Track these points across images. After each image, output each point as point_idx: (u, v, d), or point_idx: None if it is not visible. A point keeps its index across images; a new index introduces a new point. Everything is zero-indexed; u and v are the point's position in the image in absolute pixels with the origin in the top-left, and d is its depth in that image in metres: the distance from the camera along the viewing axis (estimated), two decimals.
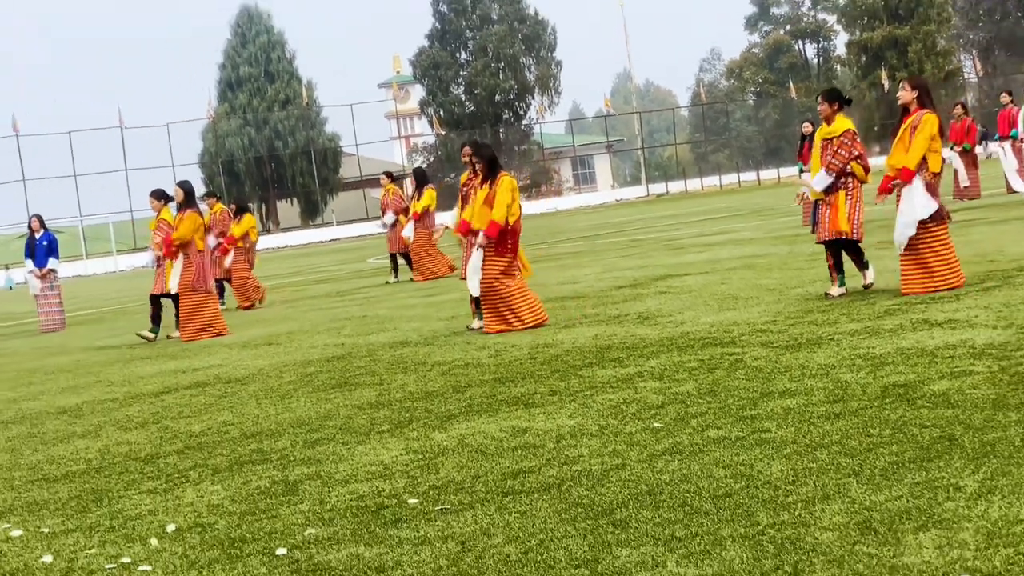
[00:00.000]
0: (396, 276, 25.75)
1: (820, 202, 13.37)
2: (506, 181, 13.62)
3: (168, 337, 18.37)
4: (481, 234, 13.46)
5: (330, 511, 6.54)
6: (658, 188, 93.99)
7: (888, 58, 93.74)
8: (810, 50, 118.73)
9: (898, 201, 12.42)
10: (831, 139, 13.11)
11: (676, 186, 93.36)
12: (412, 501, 6.53)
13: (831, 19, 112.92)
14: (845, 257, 13.27)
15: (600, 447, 7.30)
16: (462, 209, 15.08)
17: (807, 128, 28.10)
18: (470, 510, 6.21)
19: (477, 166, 13.91)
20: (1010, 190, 27.81)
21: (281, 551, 5.86)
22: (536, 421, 8.34)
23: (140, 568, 5.87)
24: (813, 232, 13.56)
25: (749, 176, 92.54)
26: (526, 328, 13.46)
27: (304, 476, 7.49)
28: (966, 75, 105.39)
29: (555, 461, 7.08)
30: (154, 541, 6.34)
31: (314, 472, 7.57)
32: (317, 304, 22.00)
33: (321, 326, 17.22)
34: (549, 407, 8.80)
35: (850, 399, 7.79)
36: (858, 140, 13.11)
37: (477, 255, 13.61)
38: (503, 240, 13.50)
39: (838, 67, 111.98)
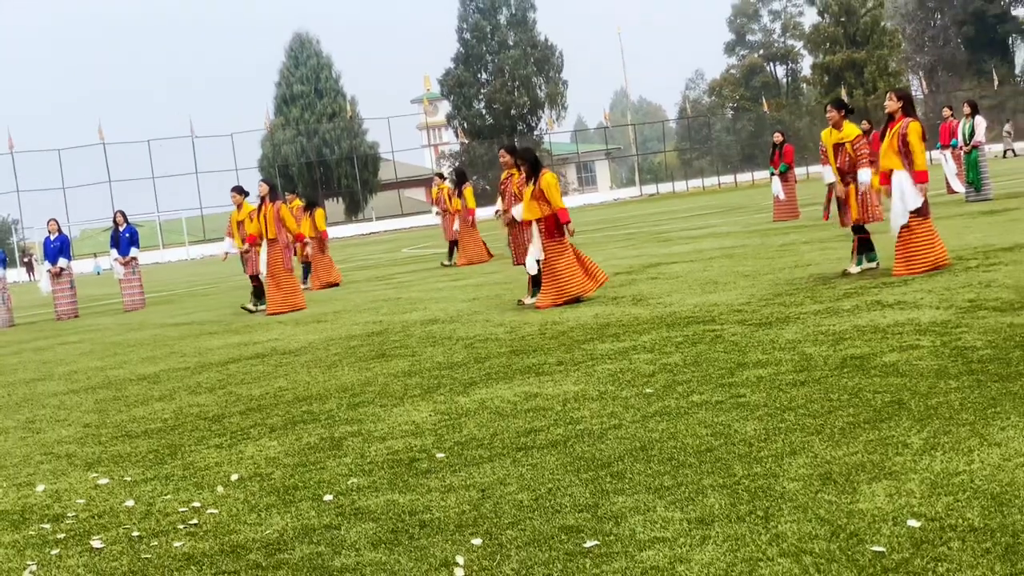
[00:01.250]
0: (451, 259, 25.77)
1: (839, 196, 13.44)
2: (549, 176, 13.60)
3: (243, 308, 18.38)
4: (562, 225, 13.47)
5: (369, 463, 6.54)
6: (650, 189, 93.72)
7: (847, 78, 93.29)
8: (780, 71, 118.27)
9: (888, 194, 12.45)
10: (843, 143, 13.19)
11: (665, 188, 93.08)
12: (440, 455, 6.52)
13: (798, 44, 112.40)
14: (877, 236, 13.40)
15: (600, 409, 7.29)
16: (504, 201, 15.10)
17: (777, 138, 28.01)
18: (488, 463, 6.21)
19: (522, 167, 13.88)
20: (950, 191, 27.71)
21: (328, 497, 5.86)
22: (545, 387, 8.33)
23: (208, 511, 5.88)
24: (843, 223, 13.57)
25: (728, 179, 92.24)
26: (586, 292, 13.64)
27: (347, 434, 7.49)
28: (914, 92, 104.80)
29: (561, 421, 7.07)
30: (220, 488, 6.35)
31: (356, 430, 7.57)
32: (359, 288, 21.99)
33: (362, 306, 17.21)
34: (556, 375, 8.78)
35: (813, 369, 7.76)
36: (867, 142, 13.23)
37: (537, 241, 13.62)
38: (556, 226, 13.50)
39: (804, 86, 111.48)
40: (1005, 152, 67.23)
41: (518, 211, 14.03)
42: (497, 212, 16.99)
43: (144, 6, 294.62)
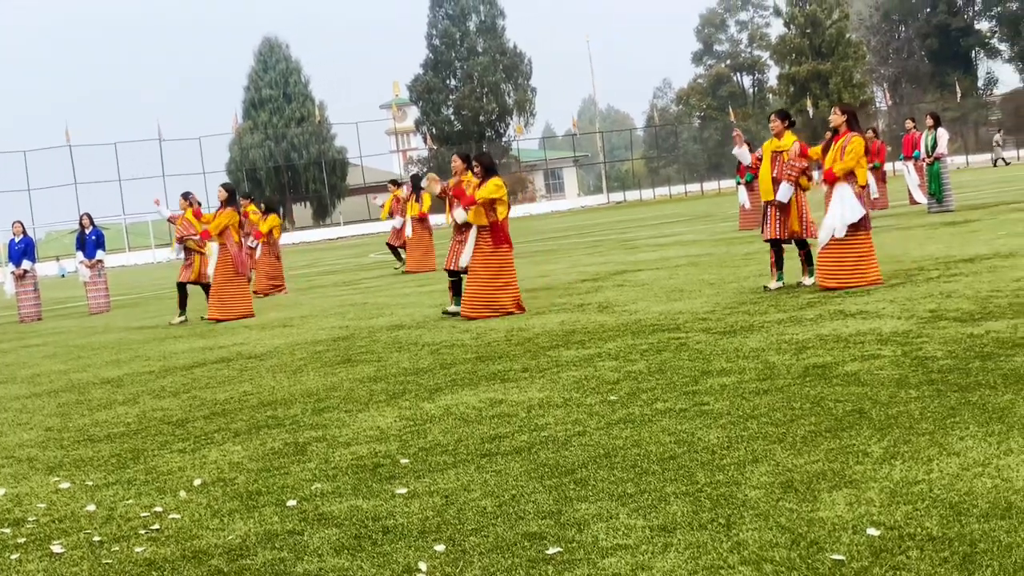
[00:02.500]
0: (401, 262, 25.63)
1: (769, 205, 13.36)
2: (495, 179, 13.54)
3: (201, 319, 18.27)
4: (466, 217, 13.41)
5: (334, 469, 6.52)
6: (617, 197, 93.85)
7: (812, 89, 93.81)
8: (747, 81, 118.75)
9: (826, 205, 12.43)
10: (780, 152, 13.21)
11: (632, 195, 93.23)
12: (404, 461, 6.51)
13: (765, 55, 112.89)
14: (791, 255, 13.37)
15: (564, 416, 7.30)
16: (451, 209, 14.97)
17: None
18: (453, 469, 6.20)
19: (476, 170, 13.79)
20: (913, 202, 27.91)
21: (291, 503, 5.84)
22: (510, 394, 8.32)
23: (170, 516, 5.84)
24: (761, 233, 13.58)
25: (694, 187, 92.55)
26: (502, 315, 13.42)
27: (312, 439, 7.47)
28: (877, 104, 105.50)
29: (526, 428, 7.07)
30: (183, 493, 6.31)
31: (321, 435, 7.54)
32: (325, 292, 21.92)
33: (329, 311, 17.16)
34: (522, 382, 8.78)
35: (776, 377, 7.80)
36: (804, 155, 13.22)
37: (471, 246, 13.54)
38: (497, 234, 13.44)
39: (770, 96, 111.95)
40: (995, 161, 67.74)
41: (460, 214, 13.85)
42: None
43: (112, 9, 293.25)
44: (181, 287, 18.75)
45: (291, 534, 5.30)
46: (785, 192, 13.03)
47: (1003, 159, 67.42)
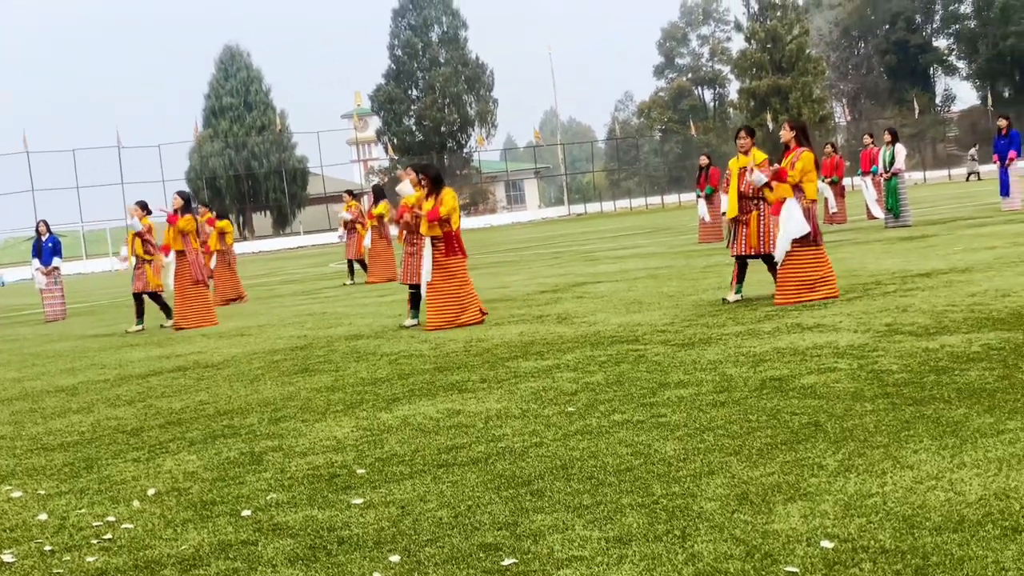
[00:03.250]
0: (352, 279, 25.57)
1: (736, 220, 13.37)
2: (449, 191, 13.56)
3: (161, 326, 18.15)
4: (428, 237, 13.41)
5: (289, 479, 6.48)
6: (578, 209, 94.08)
7: (772, 103, 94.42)
8: (708, 95, 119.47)
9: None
10: (747, 168, 13.23)
11: (593, 207, 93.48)
12: (360, 471, 6.48)
13: (726, 69, 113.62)
14: (757, 267, 13.44)
15: (522, 427, 7.29)
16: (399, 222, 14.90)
17: (704, 161, 28.34)
18: (409, 479, 6.18)
19: (423, 182, 13.79)
20: (870, 216, 28.15)
21: (246, 512, 5.80)
22: (468, 404, 8.31)
23: (123, 526, 5.78)
24: (727, 247, 13.64)
25: (655, 200, 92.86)
26: (462, 325, 13.41)
27: (268, 448, 7.42)
28: (837, 119, 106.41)
29: (483, 439, 7.06)
30: (136, 503, 6.26)
31: (277, 445, 7.50)
32: (284, 302, 21.83)
33: (287, 320, 17.08)
34: (480, 392, 8.77)
35: (733, 390, 7.82)
36: (770, 169, 13.25)
37: (428, 255, 13.50)
38: (450, 244, 13.44)
39: (731, 110, 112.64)
40: (969, 175, 68.35)
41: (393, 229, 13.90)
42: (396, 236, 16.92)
43: (73, 14, 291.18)
44: (137, 297, 18.64)
45: (245, 544, 5.26)
46: (759, 177, 12.90)
47: (977, 173, 68.07)
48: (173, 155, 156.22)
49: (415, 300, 14.25)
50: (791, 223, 12.24)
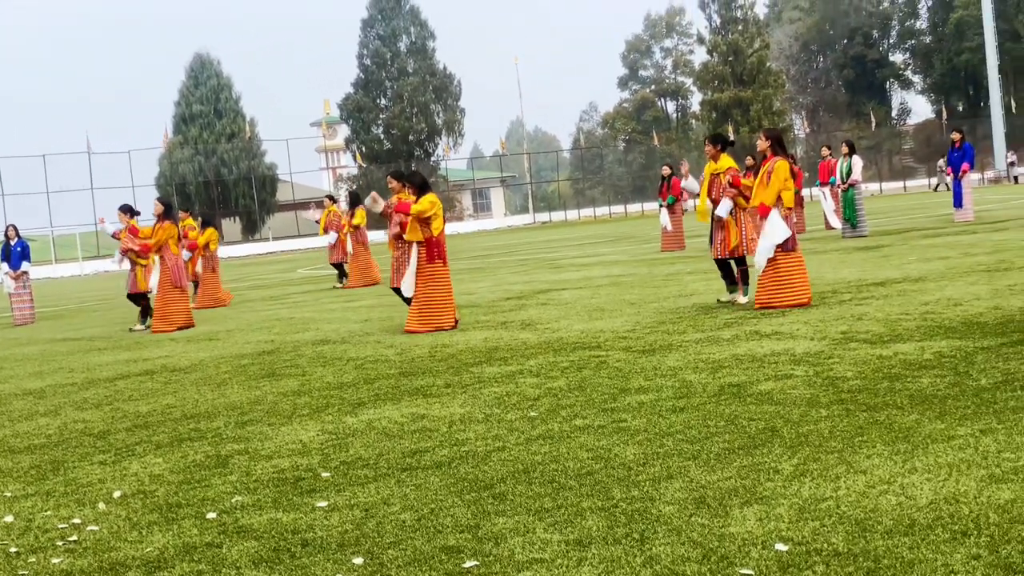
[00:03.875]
0: (342, 282, 25.41)
1: (715, 225, 13.52)
2: (430, 195, 13.56)
3: (130, 330, 18.03)
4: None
5: (255, 482, 6.45)
6: (543, 217, 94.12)
7: (734, 115, 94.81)
8: (671, 106, 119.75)
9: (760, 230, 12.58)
10: (718, 174, 13.36)
11: (558, 216, 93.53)
12: (325, 474, 6.46)
13: (688, 81, 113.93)
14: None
15: (485, 431, 7.29)
16: (392, 225, 14.90)
17: (666, 171, 28.42)
18: (373, 483, 6.16)
19: (408, 190, 13.78)
20: (828, 227, 28.30)
21: (211, 515, 5.77)
22: (433, 409, 8.30)
23: (89, 528, 5.74)
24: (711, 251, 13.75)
25: (618, 209, 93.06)
26: (438, 330, 13.40)
27: (234, 452, 7.39)
28: (796, 131, 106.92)
29: (447, 443, 7.05)
30: (102, 505, 6.21)
31: (243, 448, 7.47)
32: (252, 307, 21.73)
33: (255, 325, 17.01)
34: (444, 397, 8.76)
35: (693, 395, 7.85)
36: (740, 175, 13.37)
37: (414, 264, 13.51)
38: (431, 250, 13.44)
39: (693, 121, 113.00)
40: (937, 186, 68.92)
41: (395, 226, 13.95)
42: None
43: (43, 18, 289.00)
44: (133, 299, 18.63)
45: (210, 547, 5.23)
46: (724, 207, 13.18)
47: (946, 184, 68.70)
48: (143, 161, 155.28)
49: (409, 301, 14.31)
50: (773, 232, 12.32)
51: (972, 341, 9.01)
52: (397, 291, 14.66)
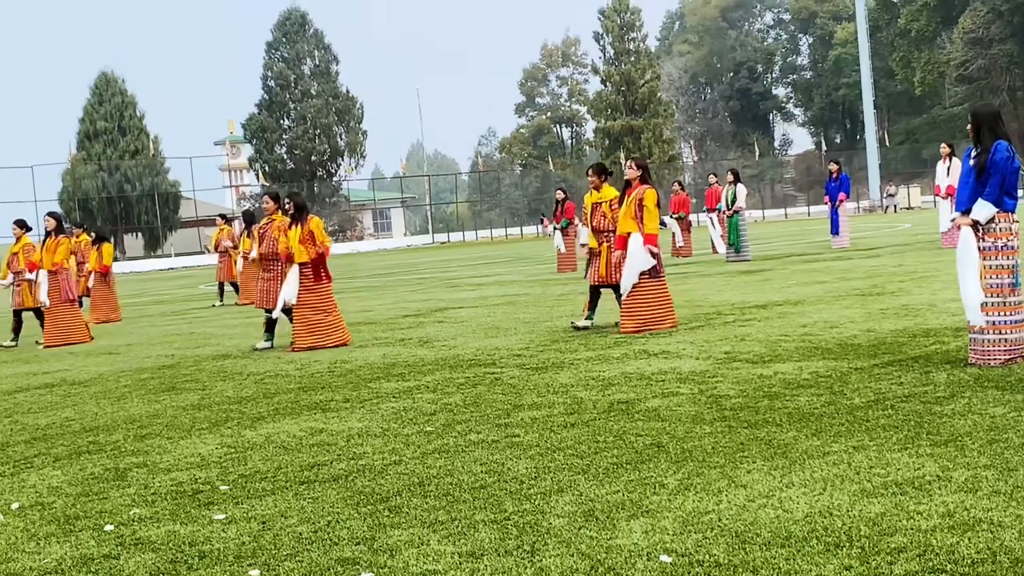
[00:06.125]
0: (222, 300, 25.15)
1: (592, 253, 13.54)
2: (317, 220, 13.50)
3: (37, 343, 17.58)
4: (313, 267, 13.35)
5: (153, 494, 6.33)
6: (442, 237, 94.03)
7: (626, 143, 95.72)
8: (566, 133, 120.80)
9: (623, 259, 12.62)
10: (600, 203, 13.37)
11: (456, 236, 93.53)
12: (223, 487, 6.37)
13: (583, 109, 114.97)
14: (607, 296, 13.59)
15: (382, 446, 7.25)
16: (260, 245, 14.66)
17: (559, 195, 28.63)
18: (271, 496, 6.09)
19: (288, 208, 13.65)
20: (714, 251, 28.74)
21: (109, 527, 5.65)
22: (331, 423, 8.23)
23: None
24: (585, 277, 13.79)
25: (514, 231, 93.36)
26: (329, 347, 13.29)
27: (133, 464, 7.24)
28: (684, 159, 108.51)
29: (344, 456, 7.00)
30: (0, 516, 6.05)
31: (141, 461, 7.33)
32: (153, 322, 21.35)
33: (155, 340, 16.72)
34: (342, 412, 8.70)
35: (583, 412, 7.90)
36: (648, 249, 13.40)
37: (292, 283, 13.37)
38: (317, 269, 13.36)
39: (587, 148, 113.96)
40: (886, 208, 70.39)
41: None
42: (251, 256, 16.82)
43: None
44: (16, 314, 18.13)
45: (107, 558, 5.12)
46: (645, 262, 12.89)
47: (895, 206, 70.34)
48: (47, 176, 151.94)
49: (271, 324, 14.05)
50: (637, 258, 12.40)
51: (847, 362, 9.21)
52: (267, 311, 14.30)
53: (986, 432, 6.30)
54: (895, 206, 71.81)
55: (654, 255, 12.44)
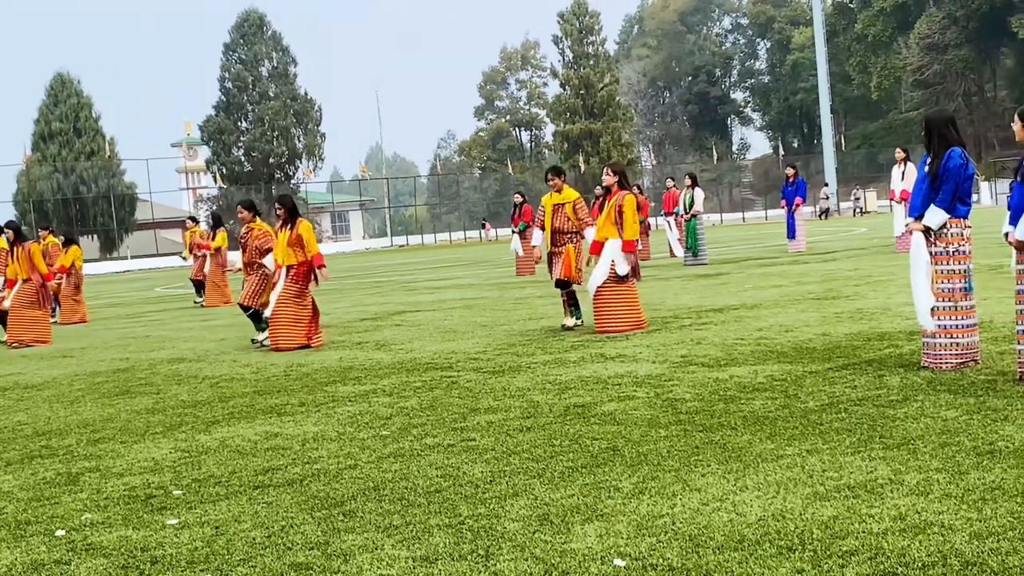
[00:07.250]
0: (201, 297, 25.09)
1: (552, 253, 13.57)
2: (307, 224, 13.47)
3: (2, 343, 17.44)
4: (322, 270, 13.49)
5: (106, 499, 6.28)
6: (400, 240, 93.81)
7: (584, 146, 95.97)
8: (525, 136, 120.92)
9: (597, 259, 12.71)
10: (562, 204, 13.40)
11: (415, 239, 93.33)
12: (177, 492, 6.32)
13: (542, 113, 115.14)
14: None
15: (337, 450, 7.22)
16: (244, 253, 14.81)
17: (518, 198, 28.62)
18: (225, 500, 6.05)
19: (279, 212, 13.63)
20: (672, 255, 28.85)
21: (60, 532, 5.60)
22: (286, 427, 8.20)
23: None
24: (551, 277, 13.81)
25: (473, 234, 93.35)
26: (308, 346, 13.39)
27: (85, 469, 7.18)
28: (643, 163, 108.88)
29: (299, 460, 6.97)
30: None
31: (94, 466, 7.26)
32: (108, 325, 21.16)
33: (110, 343, 16.57)
34: (298, 416, 8.66)
35: (539, 416, 7.90)
36: (586, 206, 13.51)
37: (283, 283, 13.40)
38: (303, 271, 13.37)
39: (546, 151, 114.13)
40: (855, 211, 71.10)
41: (269, 260, 14.04)
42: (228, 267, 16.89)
43: None
44: None
45: (58, 564, 5.07)
46: (591, 234, 13.03)
47: (861, 208, 71.13)
48: (0, 178, 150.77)
49: (256, 316, 14.29)
50: (617, 262, 12.45)
51: (801, 365, 9.27)
52: (245, 309, 14.56)
53: (938, 435, 6.37)
54: (860, 209, 72.68)
55: (631, 263, 12.51)
